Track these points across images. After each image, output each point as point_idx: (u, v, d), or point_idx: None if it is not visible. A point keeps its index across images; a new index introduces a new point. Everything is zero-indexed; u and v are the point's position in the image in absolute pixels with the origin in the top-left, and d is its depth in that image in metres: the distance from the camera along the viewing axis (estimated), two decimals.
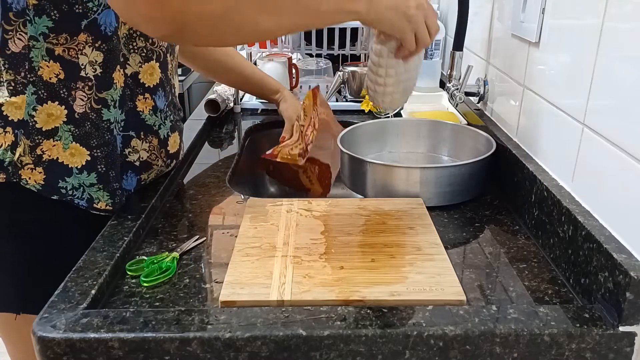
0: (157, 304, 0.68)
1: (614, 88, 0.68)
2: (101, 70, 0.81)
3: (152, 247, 0.80)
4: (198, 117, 1.38)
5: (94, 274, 0.69)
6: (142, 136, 0.89)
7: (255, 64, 1.54)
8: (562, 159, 0.81)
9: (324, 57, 1.62)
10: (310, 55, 1.65)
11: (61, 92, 0.80)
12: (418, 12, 0.76)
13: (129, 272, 0.73)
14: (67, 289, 0.66)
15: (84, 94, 0.81)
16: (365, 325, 0.60)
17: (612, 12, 0.68)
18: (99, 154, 0.84)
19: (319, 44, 1.53)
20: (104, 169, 0.84)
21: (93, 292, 0.66)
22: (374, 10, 0.74)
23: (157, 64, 0.88)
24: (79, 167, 0.83)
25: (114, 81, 0.83)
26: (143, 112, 0.88)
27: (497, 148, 1.00)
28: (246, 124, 1.41)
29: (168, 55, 0.91)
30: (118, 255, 0.73)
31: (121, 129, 0.86)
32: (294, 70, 1.56)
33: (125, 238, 0.77)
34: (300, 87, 1.64)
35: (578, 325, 0.61)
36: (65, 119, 0.81)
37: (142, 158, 0.90)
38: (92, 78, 0.80)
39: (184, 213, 0.91)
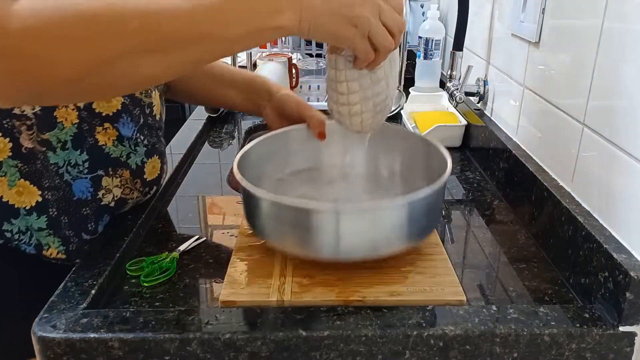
0: (157, 304, 0.68)
1: (614, 88, 0.68)
2: (40, 108, 0.70)
3: (152, 247, 0.80)
4: (198, 117, 1.38)
5: (94, 274, 0.69)
6: (111, 172, 0.78)
7: (255, 64, 1.54)
8: (562, 159, 0.81)
9: (324, 57, 1.62)
10: (310, 55, 1.66)
11: (4, 122, 0.69)
12: (365, 8, 0.59)
13: (129, 272, 0.73)
14: (67, 289, 0.66)
15: (28, 132, 0.71)
16: (365, 325, 0.60)
17: (612, 12, 0.68)
18: (51, 196, 0.74)
19: (319, 44, 1.53)
20: (56, 212, 0.74)
21: (93, 292, 0.66)
22: (305, 20, 0.58)
23: None
24: (27, 207, 0.73)
25: (58, 120, 0.72)
26: (106, 144, 0.76)
27: (497, 148, 1.00)
28: (246, 124, 1.41)
29: None
30: (118, 255, 0.73)
31: (87, 171, 0.76)
32: (294, 70, 1.56)
33: (125, 238, 0.77)
34: (300, 87, 1.64)
35: (578, 325, 0.61)
36: (10, 154, 0.71)
37: (117, 196, 0.80)
38: (32, 117, 0.70)
39: (184, 213, 0.91)
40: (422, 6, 1.67)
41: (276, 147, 0.84)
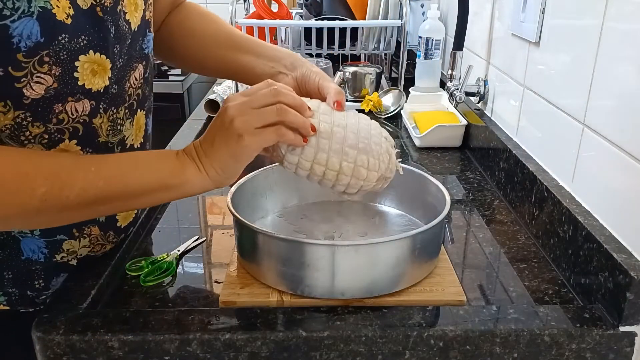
0: (157, 304, 0.68)
1: (614, 88, 0.68)
2: None
3: (152, 247, 0.80)
4: (198, 117, 1.38)
5: (93, 274, 0.69)
6: (77, 233, 0.68)
7: None
8: (562, 159, 0.81)
9: (324, 57, 1.61)
10: (310, 55, 1.65)
11: None
12: (235, 119, 0.59)
13: (129, 272, 0.73)
14: (67, 289, 0.66)
15: None
16: (365, 325, 0.60)
17: (612, 12, 0.68)
18: None
19: (319, 44, 1.53)
20: None
21: (93, 292, 0.66)
22: (209, 167, 0.60)
23: (74, 141, 0.63)
24: None
25: None
26: None
27: (497, 148, 1.00)
28: None
29: (98, 118, 0.64)
30: (118, 255, 0.73)
31: (39, 234, 0.66)
32: None
33: (125, 238, 0.77)
34: None
35: (578, 325, 0.61)
36: None
37: (81, 255, 0.70)
38: None
39: (183, 213, 0.91)
40: (422, 6, 1.67)
41: (272, 182, 0.82)
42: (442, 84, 1.44)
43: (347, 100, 1.49)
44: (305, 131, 0.62)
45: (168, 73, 2.34)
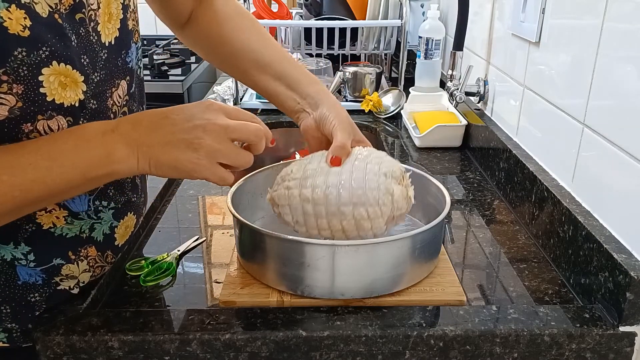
0: (157, 304, 0.68)
1: (614, 88, 0.68)
2: None
3: (152, 247, 0.80)
4: None
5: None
6: (73, 256, 0.63)
7: None
8: (562, 159, 0.81)
9: (324, 57, 1.61)
10: (310, 55, 1.65)
11: None
12: (206, 135, 0.56)
13: (129, 272, 0.73)
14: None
15: None
16: (365, 325, 0.60)
17: (612, 12, 0.68)
18: None
19: (319, 44, 1.53)
20: None
21: (93, 292, 0.66)
22: (143, 157, 0.55)
23: None
24: None
25: None
26: (54, 226, 0.61)
27: (497, 147, 1.00)
28: None
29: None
30: (118, 255, 0.73)
31: (34, 264, 0.61)
32: None
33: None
34: None
35: (578, 325, 0.61)
36: None
37: (83, 281, 0.66)
38: None
39: (183, 213, 0.91)
40: (422, 6, 1.67)
41: (272, 182, 0.78)
42: (442, 84, 1.44)
43: (347, 100, 1.49)
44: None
45: (168, 73, 2.34)
